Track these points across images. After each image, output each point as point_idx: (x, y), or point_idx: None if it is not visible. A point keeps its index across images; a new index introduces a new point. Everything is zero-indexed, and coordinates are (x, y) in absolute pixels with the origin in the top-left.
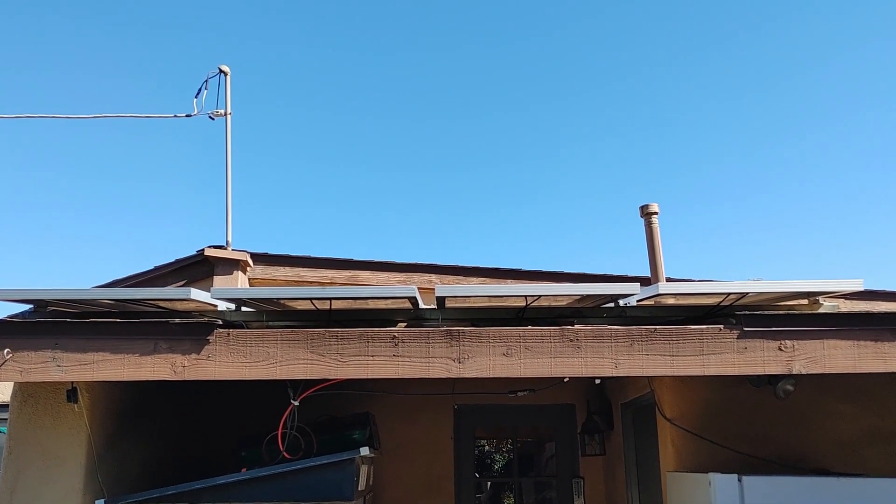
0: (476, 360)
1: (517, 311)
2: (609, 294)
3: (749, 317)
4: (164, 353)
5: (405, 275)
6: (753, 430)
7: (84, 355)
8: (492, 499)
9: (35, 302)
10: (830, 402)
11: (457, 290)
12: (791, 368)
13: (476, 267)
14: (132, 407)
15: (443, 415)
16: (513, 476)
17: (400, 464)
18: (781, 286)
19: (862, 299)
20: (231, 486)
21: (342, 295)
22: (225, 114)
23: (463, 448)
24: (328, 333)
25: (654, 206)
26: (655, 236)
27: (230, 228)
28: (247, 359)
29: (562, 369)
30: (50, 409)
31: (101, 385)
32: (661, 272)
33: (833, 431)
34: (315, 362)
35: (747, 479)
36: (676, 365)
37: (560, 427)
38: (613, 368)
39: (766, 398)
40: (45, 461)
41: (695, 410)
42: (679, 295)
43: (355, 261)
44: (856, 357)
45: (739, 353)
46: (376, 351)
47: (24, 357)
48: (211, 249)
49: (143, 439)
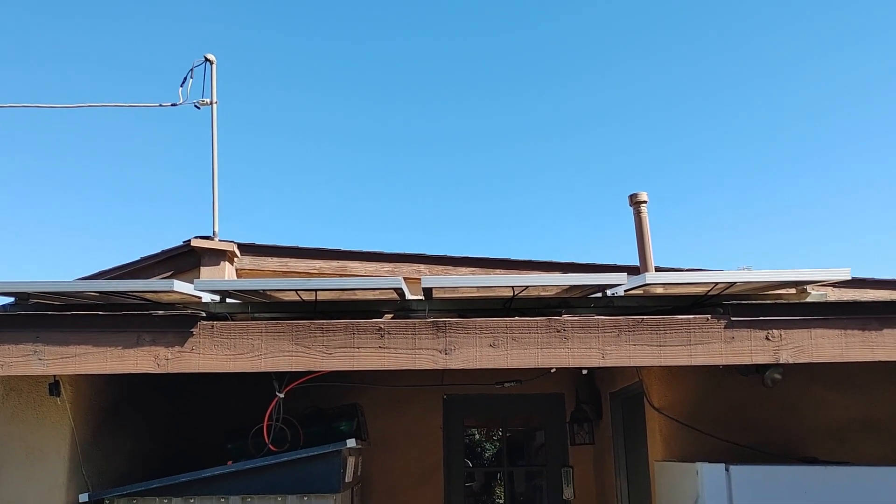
0: (463, 352)
1: (505, 301)
2: (597, 284)
3: (737, 306)
4: (147, 345)
5: (393, 265)
6: (741, 419)
7: (66, 348)
8: (482, 487)
9: (17, 294)
10: (818, 390)
11: (444, 282)
12: (778, 358)
13: (464, 257)
14: (117, 401)
15: (432, 405)
16: (503, 465)
17: (389, 454)
18: (769, 275)
19: (850, 287)
20: (217, 478)
21: (328, 286)
22: (211, 103)
23: (452, 438)
24: (313, 325)
25: (643, 194)
26: (644, 225)
27: (217, 219)
28: (231, 351)
29: (549, 360)
30: (32, 403)
31: (84, 378)
32: (650, 261)
33: (821, 420)
34: (300, 354)
35: (735, 468)
36: (664, 355)
37: (549, 416)
38: (601, 359)
39: (754, 387)
40: (29, 456)
41: (683, 400)
42: (667, 284)
43: (343, 251)
44: (843, 346)
45: (727, 342)
46: (362, 343)
47: (5, 350)
48: (197, 240)
49: (128, 433)
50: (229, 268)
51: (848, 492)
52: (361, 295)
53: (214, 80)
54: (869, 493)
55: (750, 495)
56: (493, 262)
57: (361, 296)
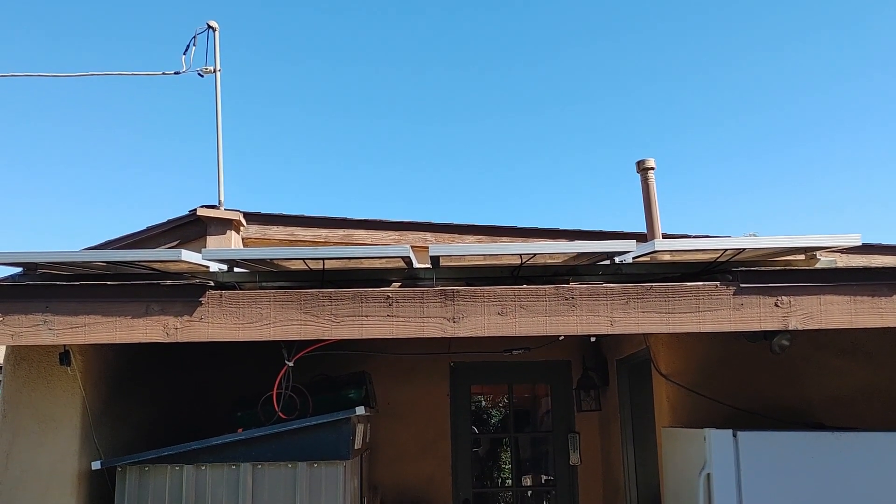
0: (470, 320)
1: (512, 269)
2: (605, 251)
3: (746, 273)
4: (156, 315)
5: (400, 233)
6: (749, 386)
7: (75, 318)
8: (488, 453)
9: (25, 265)
10: (826, 357)
11: (451, 250)
12: (787, 324)
13: (471, 225)
14: (127, 370)
15: (439, 373)
16: (509, 431)
17: (397, 421)
18: (778, 242)
19: (859, 253)
20: (227, 446)
21: (335, 255)
22: (214, 71)
23: (459, 405)
24: (321, 294)
25: (651, 161)
26: (652, 192)
27: (222, 187)
28: (240, 320)
29: (557, 328)
30: (43, 372)
31: (94, 348)
32: (658, 228)
33: (828, 386)
34: (308, 323)
35: (742, 434)
36: (672, 322)
37: (556, 383)
38: (609, 326)
39: (761, 353)
40: (41, 425)
41: (690, 366)
42: (675, 251)
43: (349, 219)
44: (852, 312)
45: (735, 309)
46: (370, 311)
47: (15, 321)
48: (203, 209)
49: (138, 401)
50: (235, 237)
51: (854, 457)
52: (369, 263)
53: (217, 47)
54: (875, 459)
55: (757, 461)
56: (500, 229)
57: (369, 264)
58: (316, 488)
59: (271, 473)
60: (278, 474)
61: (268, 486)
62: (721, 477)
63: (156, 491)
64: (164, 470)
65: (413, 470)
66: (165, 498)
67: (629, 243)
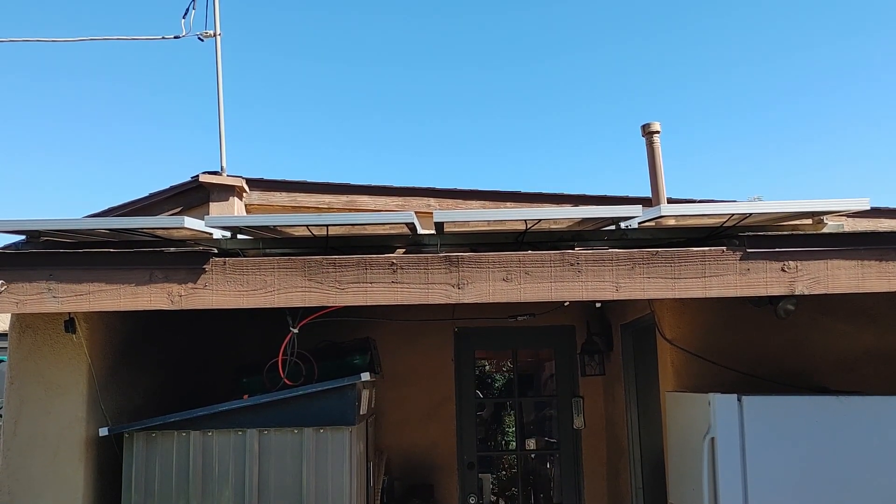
0: (475, 286)
1: (517, 235)
2: (610, 217)
3: (753, 238)
4: (160, 282)
5: (403, 199)
6: (753, 350)
7: (79, 286)
8: (492, 417)
9: (28, 233)
10: (831, 321)
11: (455, 216)
12: (794, 289)
13: (475, 190)
14: (132, 337)
15: (443, 338)
16: (513, 395)
17: (402, 387)
18: (785, 206)
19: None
20: (233, 412)
21: (339, 221)
22: (214, 35)
23: (464, 370)
24: (326, 261)
25: (656, 125)
26: (657, 156)
27: (224, 153)
28: (244, 287)
29: (562, 294)
30: (49, 339)
31: (98, 315)
32: (663, 193)
33: (833, 350)
34: (313, 290)
35: (747, 398)
36: (678, 287)
37: (560, 348)
38: (614, 292)
39: (766, 318)
40: (47, 391)
41: (695, 331)
42: (681, 216)
43: (352, 185)
44: (859, 277)
45: (742, 274)
46: (375, 278)
47: (19, 288)
48: (206, 175)
49: (144, 368)
50: (238, 203)
51: (859, 421)
52: (372, 230)
53: (217, 10)
54: (880, 423)
55: (762, 425)
56: (504, 194)
57: (372, 231)
58: (322, 453)
59: (278, 439)
60: (284, 440)
61: (274, 451)
62: (725, 441)
63: (163, 457)
64: (171, 436)
65: (418, 434)
66: (173, 464)
67: (635, 208)
